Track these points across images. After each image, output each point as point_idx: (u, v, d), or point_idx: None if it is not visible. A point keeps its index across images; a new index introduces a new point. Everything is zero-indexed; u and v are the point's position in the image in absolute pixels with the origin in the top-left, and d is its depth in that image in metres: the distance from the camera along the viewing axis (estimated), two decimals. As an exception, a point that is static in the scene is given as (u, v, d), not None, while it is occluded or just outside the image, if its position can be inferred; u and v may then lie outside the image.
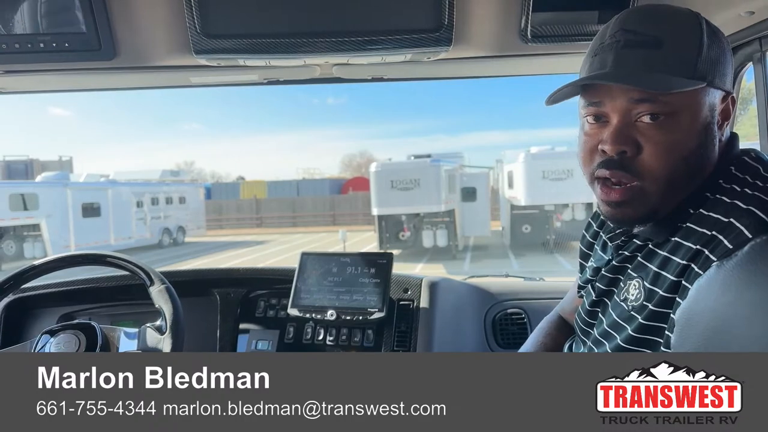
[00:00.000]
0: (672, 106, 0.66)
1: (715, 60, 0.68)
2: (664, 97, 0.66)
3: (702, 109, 0.68)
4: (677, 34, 0.67)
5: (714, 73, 0.67)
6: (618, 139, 0.68)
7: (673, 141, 0.67)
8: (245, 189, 29.06)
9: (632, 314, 0.70)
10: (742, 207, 0.63)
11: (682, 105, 0.66)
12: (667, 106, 0.66)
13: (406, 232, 13.22)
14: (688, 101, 0.67)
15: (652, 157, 0.67)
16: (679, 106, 0.66)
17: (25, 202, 13.53)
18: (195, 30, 0.95)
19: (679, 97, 0.66)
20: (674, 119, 0.66)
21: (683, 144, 0.67)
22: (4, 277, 1.15)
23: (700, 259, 0.62)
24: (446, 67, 1.15)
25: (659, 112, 0.66)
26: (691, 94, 0.66)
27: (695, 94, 0.67)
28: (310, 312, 1.36)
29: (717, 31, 0.70)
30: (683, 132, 0.67)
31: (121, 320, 1.43)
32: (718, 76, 0.68)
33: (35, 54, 0.96)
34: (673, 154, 0.67)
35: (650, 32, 0.67)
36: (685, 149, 0.67)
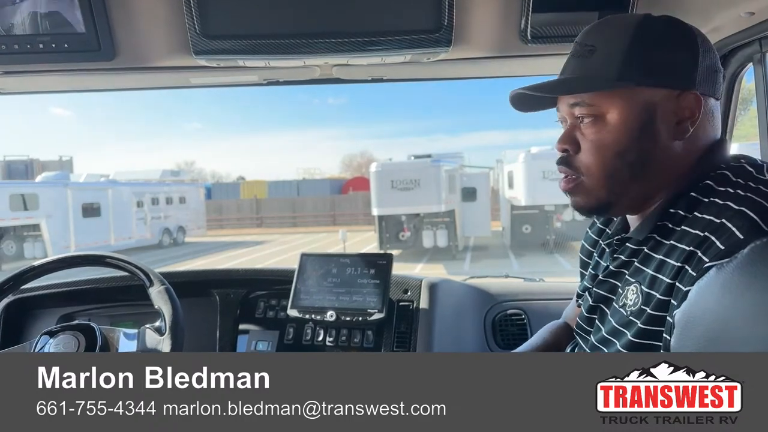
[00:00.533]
0: (599, 107, 0.72)
1: (649, 61, 0.71)
2: (592, 100, 0.72)
3: (632, 108, 0.72)
4: (607, 41, 0.73)
5: (645, 73, 0.71)
6: (562, 139, 0.77)
7: (603, 139, 0.73)
8: (245, 189, 29.07)
9: (631, 319, 0.70)
10: (734, 208, 0.63)
11: (609, 105, 0.72)
12: (594, 108, 0.73)
13: (406, 233, 13.22)
14: (614, 102, 0.72)
15: (585, 155, 0.75)
16: (606, 106, 0.72)
17: (26, 202, 13.53)
18: (194, 31, 0.95)
19: (604, 98, 0.72)
20: (603, 119, 0.72)
21: (614, 141, 0.72)
22: (3, 278, 1.15)
23: (694, 260, 0.63)
24: (446, 67, 1.15)
25: (588, 114, 0.73)
26: (617, 95, 0.71)
27: (622, 94, 0.71)
28: (310, 313, 1.36)
29: (670, 33, 0.73)
30: (613, 130, 0.72)
31: (120, 321, 1.43)
32: (655, 76, 0.71)
33: (35, 55, 0.96)
34: (604, 151, 0.73)
35: (589, 42, 0.75)
36: (617, 146, 0.72)
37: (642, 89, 0.71)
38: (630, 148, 0.72)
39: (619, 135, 0.72)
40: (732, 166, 0.71)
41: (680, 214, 0.69)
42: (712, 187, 0.68)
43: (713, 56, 0.74)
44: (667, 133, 0.72)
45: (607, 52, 0.72)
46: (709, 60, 0.73)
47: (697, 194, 0.69)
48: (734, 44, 1.05)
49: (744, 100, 1.17)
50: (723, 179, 0.69)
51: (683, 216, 0.69)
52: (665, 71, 0.71)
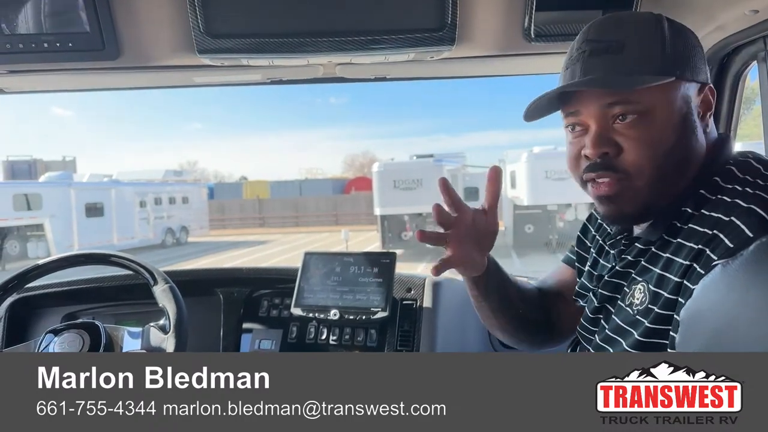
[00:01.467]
0: (644, 103, 0.69)
1: (681, 54, 0.70)
2: (634, 96, 0.68)
3: (675, 102, 0.70)
4: (637, 35, 0.70)
5: (682, 66, 0.70)
6: (598, 142, 0.70)
7: (652, 136, 0.69)
8: (248, 189, 29.12)
9: (638, 318, 0.69)
10: (743, 205, 0.63)
11: (654, 101, 0.69)
12: (639, 105, 0.69)
13: (408, 232, 13.21)
14: (659, 97, 0.69)
15: (633, 154, 0.69)
16: (651, 102, 0.69)
17: (29, 202, 13.59)
18: (198, 30, 0.95)
19: (649, 94, 0.68)
20: (649, 116, 0.69)
21: (662, 137, 0.69)
22: (8, 277, 1.16)
23: (702, 258, 0.62)
24: (449, 66, 1.15)
25: (632, 111, 0.69)
26: (661, 90, 0.68)
27: (666, 89, 0.69)
28: (314, 311, 1.36)
29: (682, 28, 0.73)
30: (660, 126, 0.69)
31: (124, 320, 1.44)
32: (688, 70, 0.70)
33: (39, 54, 0.97)
34: (654, 148, 0.69)
35: (612, 38, 0.70)
36: (665, 142, 0.69)
37: (680, 82, 0.70)
38: (676, 143, 0.69)
39: (666, 130, 0.69)
40: (738, 161, 0.71)
41: (688, 212, 0.69)
42: (719, 184, 0.68)
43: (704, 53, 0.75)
44: (697, 127, 0.72)
45: (640, 46, 0.69)
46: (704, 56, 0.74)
47: (704, 192, 0.69)
48: (738, 42, 1.05)
49: (747, 98, 1.17)
50: (729, 175, 0.68)
51: (691, 214, 0.68)
52: (694, 65, 0.71)
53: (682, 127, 0.70)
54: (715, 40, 1.06)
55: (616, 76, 0.69)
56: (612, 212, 0.73)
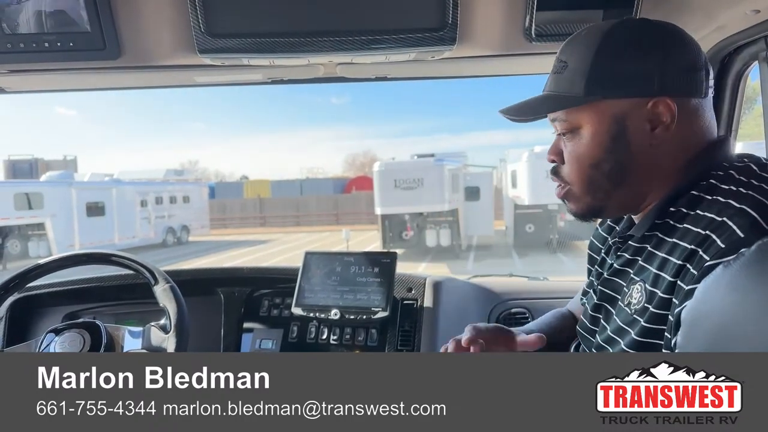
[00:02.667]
0: (571, 122, 0.75)
1: (614, 72, 0.72)
2: (564, 116, 0.76)
3: (602, 121, 0.73)
4: (575, 55, 0.74)
5: (611, 85, 0.71)
6: (550, 150, 0.80)
7: (579, 151, 0.75)
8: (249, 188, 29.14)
9: (635, 318, 0.70)
10: (736, 206, 0.63)
11: (581, 120, 0.74)
12: (568, 123, 0.76)
13: (409, 232, 13.21)
14: (585, 116, 0.74)
15: (567, 166, 0.78)
16: (578, 121, 0.75)
17: (30, 202, 13.59)
18: (199, 29, 0.95)
19: (576, 113, 0.74)
20: (577, 133, 0.75)
21: (589, 154, 0.75)
22: (9, 276, 1.16)
23: (695, 259, 0.63)
24: (450, 66, 1.15)
25: (564, 128, 0.76)
26: (588, 110, 0.74)
27: (592, 108, 0.73)
28: (314, 311, 1.36)
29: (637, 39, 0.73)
30: (585, 144, 0.75)
31: (125, 319, 1.44)
32: (620, 87, 0.71)
33: (40, 53, 0.97)
34: (581, 163, 0.76)
35: (563, 58, 0.76)
36: (591, 158, 0.75)
37: (611, 101, 0.72)
38: (604, 158, 0.74)
39: (593, 147, 0.74)
40: (736, 165, 0.71)
41: (682, 211, 0.69)
42: (715, 186, 0.68)
43: (689, 55, 0.72)
44: (643, 141, 0.72)
45: (574, 68, 0.74)
46: (683, 61, 0.71)
47: (699, 192, 0.69)
48: (739, 42, 1.05)
49: (748, 98, 1.17)
50: (726, 177, 0.69)
51: (685, 213, 0.69)
52: (631, 81, 0.71)
53: (611, 144, 0.73)
54: (715, 40, 1.06)
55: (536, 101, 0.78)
56: (568, 210, 0.82)
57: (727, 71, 1.12)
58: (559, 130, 0.77)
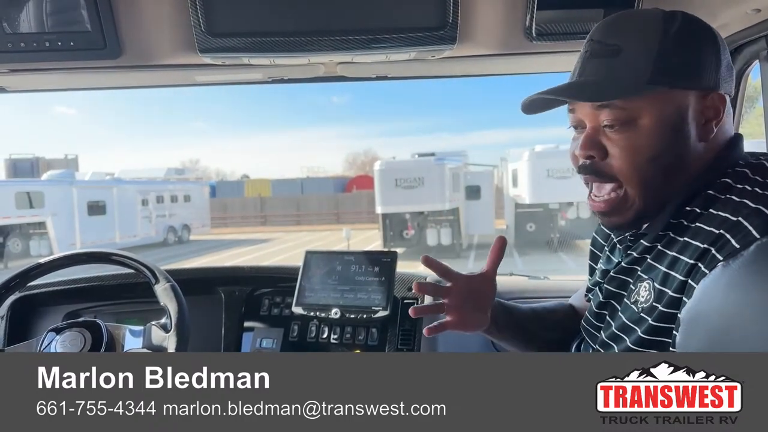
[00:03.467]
0: (630, 111, 0.69)
1: (679, 62, 0.69)
2: (621, 103, 0.69)
3: (664, 111, 0.69)
4: (634, 40, 0.70)
5: (676, 75, 0.69)
6: (586, 144, 0.72)
7: (636, 144, 0.70)
8: (250, 187, 29.16)
9: (642, 316, 0.69)
10: (751, 206, 0.62)
11: (641, 109, 0.69)
12: (625, 112, 0.69)
13: (410, 231, 13.22)
14: (646, 105, 0.69)
15: (617, 160, 0.71)
16: (637, 111, 0.69)
17: (31, 200, 13.61)
18: (200, 28, 0.95)
19: (636, 102, 0.69)
20: (635, 123, 0.70)
21: (647, 146, 0.70)
22: (10, 275, 1.16)
23: (707, 258, 0.62)
24: (450, 65, 1.15)
25: (619, 118, 0.70)
26: (650, 99, 0.69)
27: (655, 97, 0.69)
28: (315, 310, 1.36)
29: (694, 30, 0.71)
30: (645, 135, 0.70)
31: (126, 318, 1.44)
32: (685, 78, 0.69)
33: (41, 53, 0.97)
34: (637, 156, 0.70)
35: (611, 41, 0.71)
36: (650, 151, 0.70)
37: (674, 91, 0.69)
38: (664, 152, 0.70)
39: (653, 139, 0.69)
40: (751, 163, 0.70)
41: (696, 211, 0.69)
42: (729, 185, 0.68)
43: (728, 53, 0.73)
44: (696, 134, 0.71)
45: (635, 53, 0.69)
46: (727, 58, 0.72)
47: (714, 192, 0.68)
48: (741, 41, 1.05)
49: (749, 97, 1.17)
50: (741, 176, 0.68)
51: (699, 213, 0.68)
52: (695, 72, 0.70)
53: (672, 136, 0.70)
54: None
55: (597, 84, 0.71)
56: (608, 224, 0.77)
57: (729, 70, 1.12)
58: (609, 120, 0.70)
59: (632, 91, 0.69)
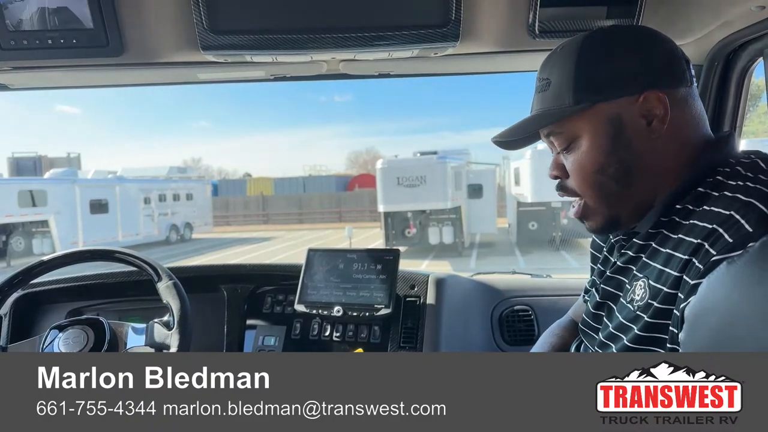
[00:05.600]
0: (570, 133, 0.75)
1: (598, 77, 0.73)
2: (560, 129, 0.76)
3: (598, 125, 0.73)
4: (557, 70, 0.75)
5: (598, 89, 0.72)
6: (551, 166, 0.81)
7: (581, 161, 0.75)
8: (252, 186, 29.19)
9: (638, 314, 0.70)
10: (743, 199, 0.62)
11: (577, 129, 0.74)
12: (565, 135, 0.76)
13: (412, 229, 13.21)
14: (580, 125, 0.74)
15: (572, 178, 0.78)
16: (574, 131, 0.75)
17: (34, 199, 13.65)
18: (202, 26, 0.95)
19: (570, 123, 0.74)
20: (576, 143, 0.75)
21: (590, 161, 0.75)
22: (13, 273, 1.17)
23: (701, 253, 0.62)
24: (453, 62, 1.15)
25: (562, 141, 0.77)
26: (581, 118, 0.74)
27: (585, 116, 0.73)
28: (317, 308, 1.37)
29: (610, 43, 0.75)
30: (586, 151, 0.75)
31: (128, 316, 1.44)
32: (607, 89, 0.72)
33: (43, 50, 0.97)
34: (584, 172, 0.76)
35: (545, 76, 0.77)
36: (593, 164, 0.75)
37: (601, 105, 0.72)
38: (608, 161, 0.74)
39: (595, 153, 0.74)
40: (742, 161, 0.70)
41: (688, 208, 0.69)
42: (722, 182, 0.68)
43: (666, 47, 0.74)
44: (641, 137, 0.73)
45: (559, 81, 0.74)
46: (662, 53, 0.73)
47: (705, 188, 0.69)
48: (744, 38, 1.04)
49: (753, 96, 1.16)
50: (734, 173, 0.68)
51: (691, 210, 0.68)
52: (618, 81, 0.72)
53: (611, 146, 0.73)
54: (721, 36, 1.05)
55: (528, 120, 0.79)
56: (588, 228, 0.81)
57: (732, 68, 1.11)
58: (558, 145, 0.77)
59: (558, 116, 0.74)
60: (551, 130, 0.76)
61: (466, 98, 63.32)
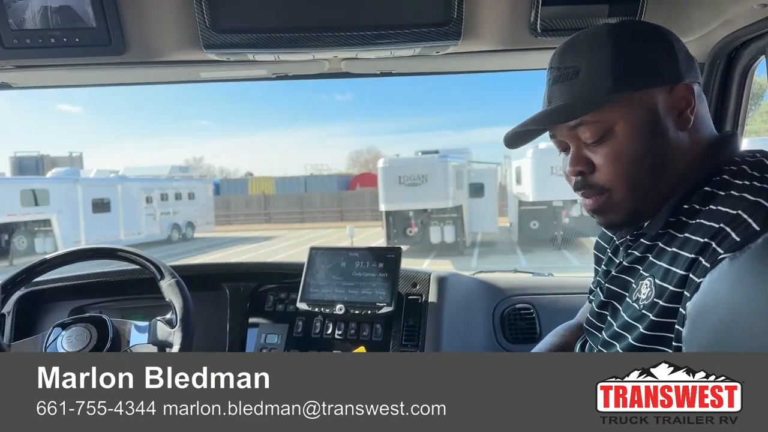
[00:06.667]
0: (603, 123, 0.72)
1: (636, 65, 0.72)
2: (592, 117, 0.72)
3: (636, 114, 0.72)
4: (589, 58, 0.73)
5: (634, 79, 0.72)
6: (573, 162, 0.76)
7: (618, 152, 0.73)
8: (253, 185, 29.18)
9: (644, 313, 0.70)
10: (750, 199, 0.63)
11: (612, 118, 0.72)
12: (598, 125, 0.73)
13: (413, 228, 13.20)
14: (617, 113, 0.72)
15: (604, 172, 0.74)
16: (609, 120, 0.72)
17: (36, 198, 13.68)
18: (204, 25, 0.95)
19: (605, 112, 0.72)
20: (611, 133, 0.73)
21: (628, 150, 0.72)
22: (16, 271, 1.17)
23: (708, 251, 0.62)
24: (455, 61, 1.15)
25: (594, 131, 0.73)
26: (617, 106, 0.72)
27: (622, 104, 0.72)
28: (319, 306, 1.37)
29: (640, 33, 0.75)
30: (624, 140, 0.72)
31: (131, 314, 1.44)
32: (646, 78, 0.72)
33: (46, 49, 0.97)
34: (622, 162, 0.73)
35: (568, 64, 0.75)
36: (631, 154, 0.72)
37: (639, 94, 0.72)
38: (646, 151, 0.72)
39: (632, 142, 0.72)
40: (748, 160, 0.71)
41: (695, 207, 0.69)
42: (728, 181, 0.68)
43: (684, 45, 0.76)
44: (673, 127, 0.73)
45: (592, 69, 0.73)
46: (684, 50, 0.75)
47: (712, 188, 0.69)
48: (746, 37, 1.04)
49: (755, 94, 1.16)
50: (740, 172, 0.69)
51: (698, 209, 0.68)
52: (653, 71, 0.72)
53: (649, 135, 0.72)
54: (722, 34, 1.05)
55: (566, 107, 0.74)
56: (602, 223, 0.79)
57: (734, 66, 1.11)
58: (589, 136, 0.74)
59: (597, 104, 0.72)
60: (584, 119, 0.73)
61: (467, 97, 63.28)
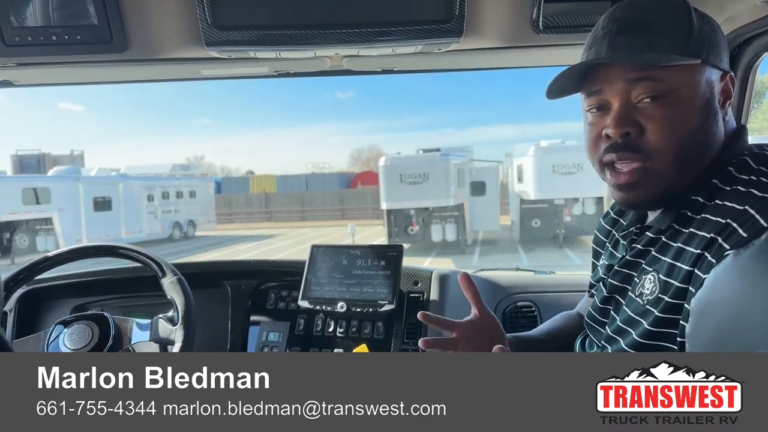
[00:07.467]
0: (669, 83, 0.68)
1: (707, 39, 0.69)
2: (660, 75, 0.67)
3: (700, 85, 0.69)
4: (665, 15, 0.69)
5: (708, 50, 0.69)
6: (620, 121, 0.69)
7: (676, 117, 0.68)
8: (255, 183, 29.19)
9: (648, 308, 0.69)
10: (758, 195, 0.62)
11: (680, 82, 0.68)
12: (664, 84, 0.68)
13: (414, 227, 13.20)
14: (685, 78, 0.68)
15: (656, 135, 0.68)
16: (676, 83, 0.68)
17: (38, 196, 13.71)
18: (206, 22, 0.95)
19: (675, 74, 0.67)
20: (673, 96, 0.68)
21: (686, 119, 0.68)
22: (17, 269, 1.17)
23: (714, 247, 0.62)
24: (457, 58, 1.14)
25: (657, 90, 0.68)
26: (687, 71, 0.68)
27: (691, 70, 0.68)
28: (321, 304, 1.37)
29: (707, 16, 0.72)
30: (684, 108, 0.68)
31: (133, 311, 1.45)
32: (713, 55, 0.70)
33: (48, 47, 0.97)
34: (678, 129, 0.68)
35: (639, 17, 0.70)
36: (688, 124, 0.68)
37: (705, 66, 0.70)
38: (698, 126, 0.69)
39: (691, 112, 0.68)
40: (754, 153, 0.70)
41: (700, 201, 0.68)
42: (733, 174, 0.67)
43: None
44: (718, 113, 0.71)
45: (670, 26, 0.68)
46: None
47: (718, 182, 0.68)
48: (749, 34, 1.03)
49: (757, 92, 1.15)
50: (744, 166, 0.68)
51: (703, 204, 0.68)
52: (719, 51, 0.71)
53: (705, 112, 0.70)
54: (725, 31, 1.04)
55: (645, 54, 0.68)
56: (630, 199, 0.73)
57: (737, 62, 1.11)
58: (648, 93, 0.68)
59: (675, 59, 0.66)
60: (652, 74, 0.67)
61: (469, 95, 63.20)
